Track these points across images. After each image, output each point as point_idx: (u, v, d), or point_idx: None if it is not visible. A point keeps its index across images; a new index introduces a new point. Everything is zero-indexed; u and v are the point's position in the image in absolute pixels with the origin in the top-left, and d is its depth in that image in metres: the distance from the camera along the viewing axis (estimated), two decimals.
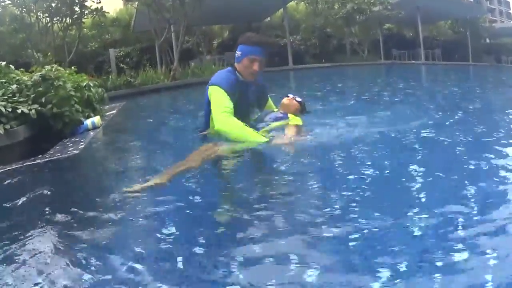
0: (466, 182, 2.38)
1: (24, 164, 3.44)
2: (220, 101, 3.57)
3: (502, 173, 2.56)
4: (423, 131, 4.01)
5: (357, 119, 4.74)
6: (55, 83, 4.77)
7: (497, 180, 2.44)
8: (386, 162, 2.94)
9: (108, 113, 6.31)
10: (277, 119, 3.99)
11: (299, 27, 29.83)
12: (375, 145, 3.52)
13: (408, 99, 8.02)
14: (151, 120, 6.88)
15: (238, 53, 3.74)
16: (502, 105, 6.79)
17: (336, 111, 5.71)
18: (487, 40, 41.80)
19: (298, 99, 4.34)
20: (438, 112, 5.73)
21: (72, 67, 6.07)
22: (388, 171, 2.76)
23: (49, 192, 2.82)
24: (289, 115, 4.07)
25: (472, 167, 2.73)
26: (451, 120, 4.88)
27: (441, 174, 2.62)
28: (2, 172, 3.34)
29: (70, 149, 3.80)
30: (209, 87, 3.71)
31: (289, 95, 4.35)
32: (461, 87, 10.93)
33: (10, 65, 5.53)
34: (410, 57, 30.37)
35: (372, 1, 27.35)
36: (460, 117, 5.22)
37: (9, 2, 15.92)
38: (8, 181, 3.15)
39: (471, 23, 34.48)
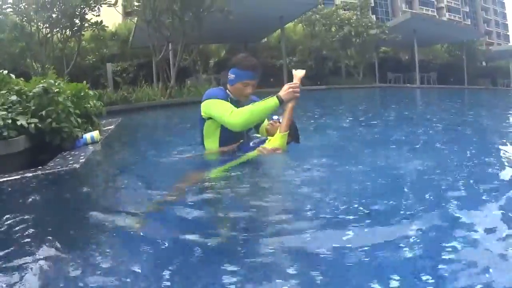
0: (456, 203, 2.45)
1: (25, 175, 3.47)
2: (222, 107, 3.69)
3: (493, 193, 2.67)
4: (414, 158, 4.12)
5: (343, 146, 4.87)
6: (55, 97, 4.77)
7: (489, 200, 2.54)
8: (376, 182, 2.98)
9: (105, 128, 6.34)
10: (252, 147, 3.83)
11: (296, 49, 30.02)
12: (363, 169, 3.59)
13: (400, 122, 8.14)
14: (150, 137, 6.95)
15: (231, 75, 3.82)
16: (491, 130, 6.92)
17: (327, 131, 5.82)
18: (484, 63, 42.11)
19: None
20: (426, 135, 5.88)
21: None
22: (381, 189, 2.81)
23: (49, 205, 2.88)
24: (269, 137, 3.80)
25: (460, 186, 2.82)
26: (440, 143, 5.01)
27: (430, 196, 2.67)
28: (2, 182, 3.35)
29: (71, 162, 3.83)
30: (204, 102, 3.81)
31: (273, 117, 4.02)
32: (453, 111, 11.12)
33: (11, 74, 5.49)
34: (405, 81, 30.62)
35: (369, 24, 27.74)
36: (449, 140, 5.36)
37: (11, 10, 15.95)
38: (10, 191, 3.20)
39: (467, 46, 34.85)
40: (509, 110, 12.71)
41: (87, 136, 4.99)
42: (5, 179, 3.42)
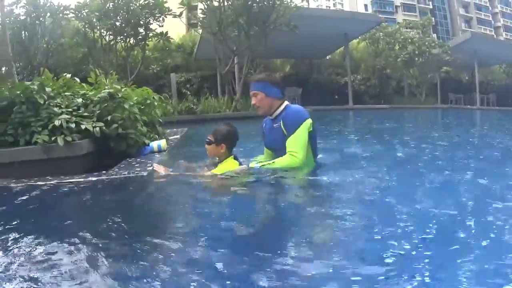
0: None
1: (89, 179, 3.45)
2: None
3: None
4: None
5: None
6: (121, 103, 4.68)
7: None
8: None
9: (171, 138, 6.27)
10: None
11: (358, 66, 29.72)
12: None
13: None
14: None
15: None
16: None
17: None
18: None
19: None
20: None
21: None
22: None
23: (114, 211, 2.78)
24: (219, 165, 3.60)
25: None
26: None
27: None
28: (66, 183, 3.37)
29: (137, 169, 3.75)
30: None
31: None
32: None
33: (75, 78, 5.48)
34: (465, 102, 30.01)
35: (432, 44, 27.38)
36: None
37: (73, 15, 16.23)
38: (73, 194, 3.19)
39: None
40: None
41: (154, 144, 4.92)
42: (68, 181, 3.44)
